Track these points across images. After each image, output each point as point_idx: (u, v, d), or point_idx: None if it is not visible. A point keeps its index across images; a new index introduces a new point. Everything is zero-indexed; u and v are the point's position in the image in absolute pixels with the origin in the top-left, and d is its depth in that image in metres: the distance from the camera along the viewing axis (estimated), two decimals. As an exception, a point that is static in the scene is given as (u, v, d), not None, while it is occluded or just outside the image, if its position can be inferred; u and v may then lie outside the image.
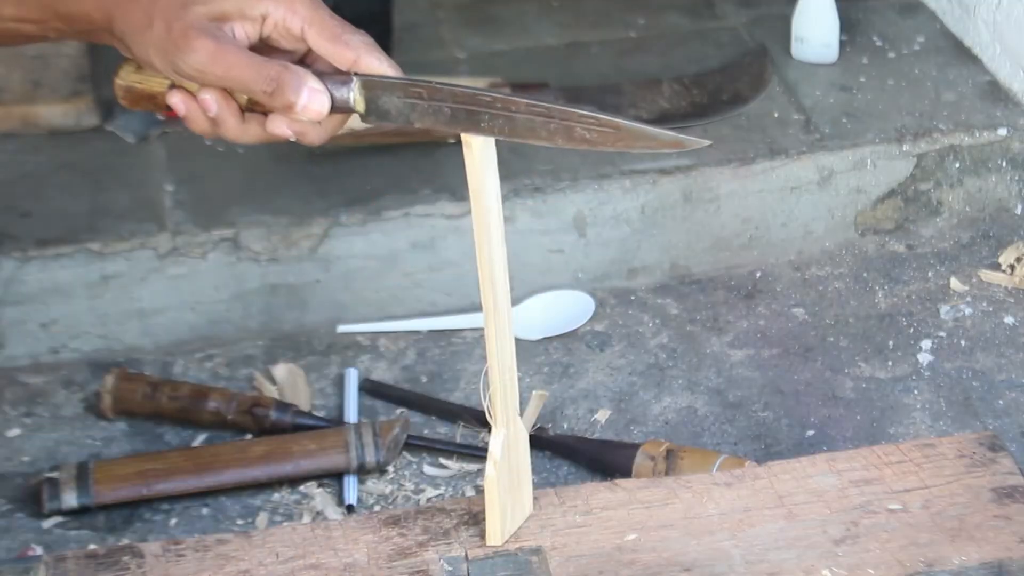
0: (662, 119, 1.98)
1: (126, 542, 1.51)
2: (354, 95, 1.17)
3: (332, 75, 1.17)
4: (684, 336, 1.84)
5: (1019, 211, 2.01)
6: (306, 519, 1.58)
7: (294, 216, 1.83)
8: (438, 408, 1.73)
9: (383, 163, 1.90)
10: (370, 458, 1.61)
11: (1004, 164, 1.99)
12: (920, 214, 1.99)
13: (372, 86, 1.17)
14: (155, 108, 1.22)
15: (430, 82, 1.16)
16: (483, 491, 1.24)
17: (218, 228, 1.81)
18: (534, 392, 1.67)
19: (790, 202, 1.94)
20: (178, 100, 1.19)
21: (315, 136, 1.20)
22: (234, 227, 1.81)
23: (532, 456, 1.27)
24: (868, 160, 1.95)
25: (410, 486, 1.63)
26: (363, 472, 1.62)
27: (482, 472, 1.60)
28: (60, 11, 1.20)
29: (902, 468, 1.32)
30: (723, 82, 2.07)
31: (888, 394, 1.73)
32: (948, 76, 2.09)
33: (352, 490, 1.60)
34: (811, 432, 1.68)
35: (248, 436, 1.68)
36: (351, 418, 1.70)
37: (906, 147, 1.96)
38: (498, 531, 1.24)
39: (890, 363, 1.78)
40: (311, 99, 1.16)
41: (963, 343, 1.81)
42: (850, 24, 2.17)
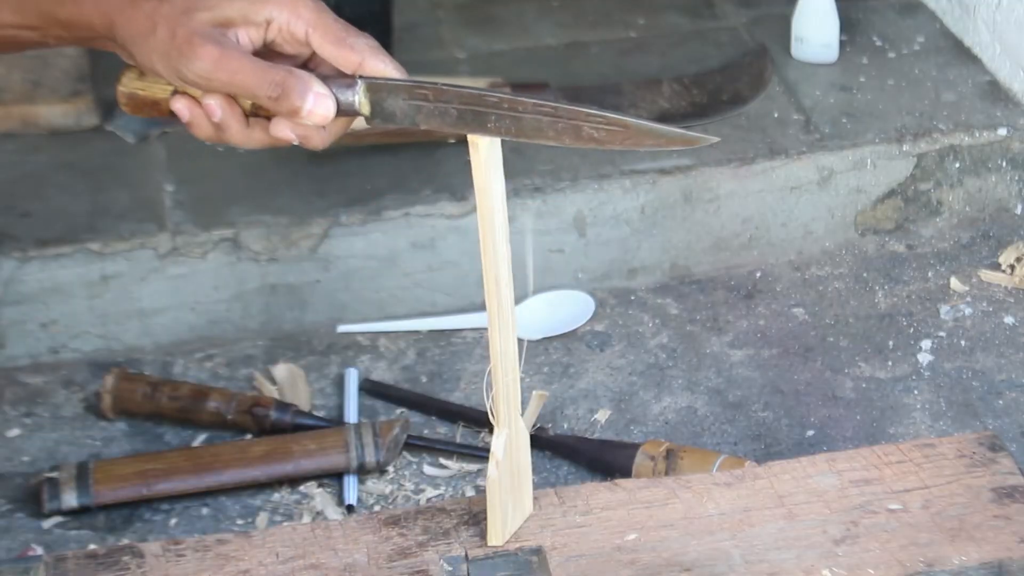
0: (662, 119, 1.98)
1: (126, 542, 1.51)
2: (359, 98, 1.16)
3: (336, 79, 1.17)
4: (684, 336, 1.84)
5: (1019, 211, 2.01)
6: (306, 519, 1.58)
7: (294, 216, 1.83)
8: (438, 408, 1.73)
9: (383, 163, 1.90)
10: (370, 458, 1.61)
11: (1004, 164, 1.99)
12: (920, 214, 1.99)
13: (377, 89, 1.16)
14: (158, 114, 1.21)
15: (436, 84, 1.15)
16: (483, 491, 1.24)
17: (218, 228, 1.81)
18: (534, 392, 1.66)
19: (790, 202, 1.94)
20: (182, 106, 1.18)
21: (319, 140, 1.19)
22: (234, 227, 1.81)
23: (532, 456, 1.27)
24: (868, 160, 1.95)
25: (410, 486, 1.63)
26: (363, 472, 1.62)
27: (482, 472, 1.61)
28: (60, 18, 1.19)
29: (902, 468, 1.32)
30: (723, 82, 2.07)
31: (888, 394, 1.73)
32: (948, 76, 2.09)
33: (352, 490, 1.60)
34: (811, 432, 1.68)
35: (248, 436, 1.68)
36: (351, 418, 1.70)
37: (906, 147, 1.96)
38: (499, 531, 1.24)
39: (890, 363, 1.78)
40: (316, 103, 1.15)
41: (963, 343, 1.81)
42: (850, 24, 2.17)
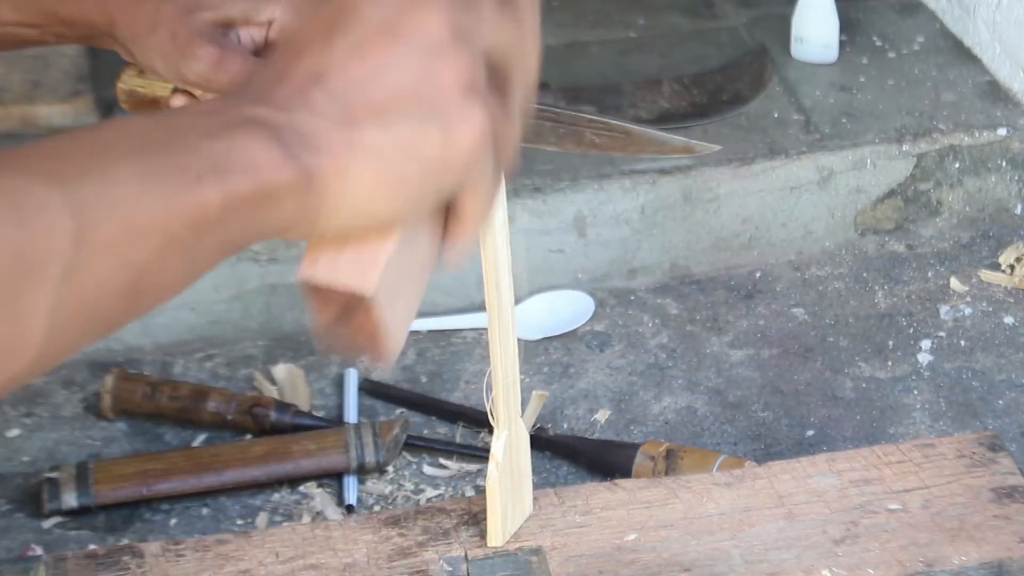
0: (662, 119, 1.98)
1: (126, 542, 1.51)
2: None
3: None
4: (684, 336, 1.83)
5: (1019, 211, 2.01)
6: (306, 519, 1.58)
7: (294, 216, 1.82)
8: (438, 408, 1.72)
9: (383, 163, 1.90)
10: (370, 458, 1.61)
11: (1004, 164, 1.99)
12: (920, 214, 1.99)
13: None
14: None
15: None
16: (483, 491, 1.24)
17: (218, 228, 1.81)
18: (534, 392, 1.67)
19: (790, 202, 1.94)
20: (182, 104, 1.18)
21: None
22: (234, 227, 1.81)
23: (532, 456, 1.27)
24: (868, 160, 1.95)
25: (410, 486, 1.63)
26: (363, 472, 1.62)
27: (482, 472, 1.61)
28: (61, 15, 1.19)
29: (902, 468, 1.32)
30: (723, 82, 2.07)
31: (888, 394, 1.73)
32: (948, 76, 2.09)
33: (352, 490, 1.60)
34: (811, 432, 1.68)
35: (248, 436, 1.68)
36: (351, 418, 1.70)
37: (906, 147, 1.96)
38: (499, 532, 1.24)
39: (890, 363, 1.78)
40: None
41: (963, 343, 1.81)
42: (850, 24, 2.17)
